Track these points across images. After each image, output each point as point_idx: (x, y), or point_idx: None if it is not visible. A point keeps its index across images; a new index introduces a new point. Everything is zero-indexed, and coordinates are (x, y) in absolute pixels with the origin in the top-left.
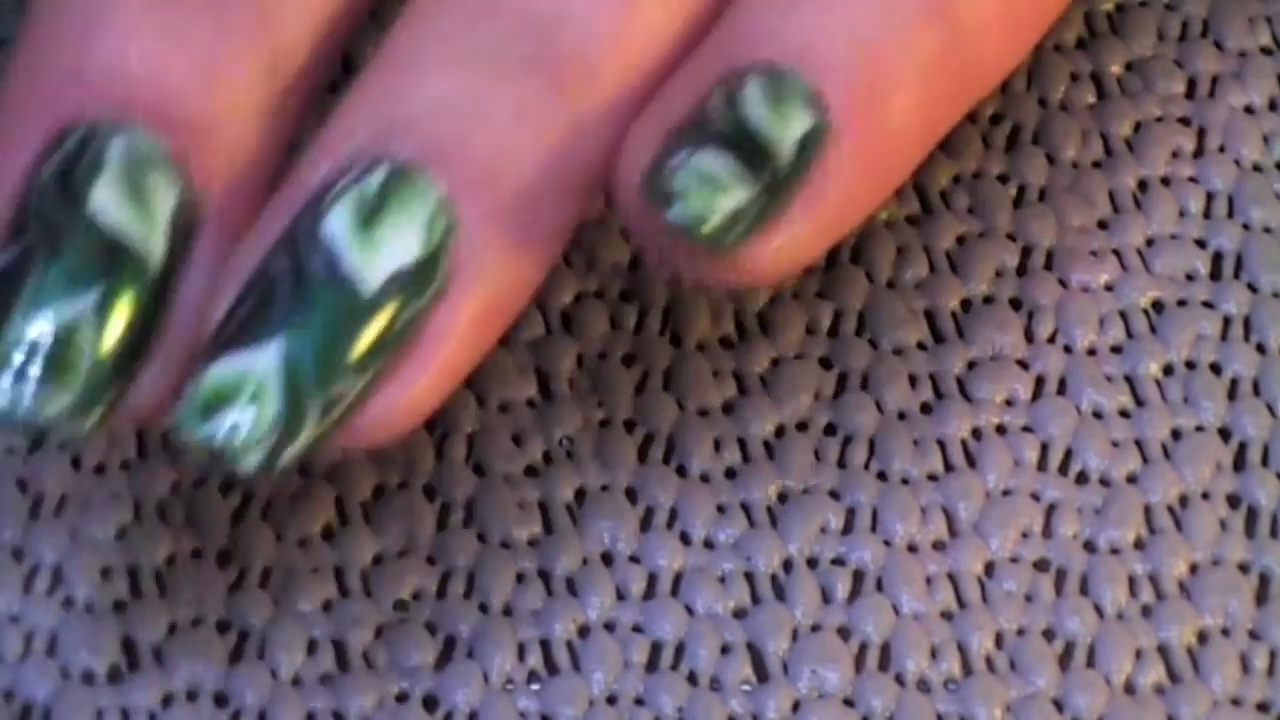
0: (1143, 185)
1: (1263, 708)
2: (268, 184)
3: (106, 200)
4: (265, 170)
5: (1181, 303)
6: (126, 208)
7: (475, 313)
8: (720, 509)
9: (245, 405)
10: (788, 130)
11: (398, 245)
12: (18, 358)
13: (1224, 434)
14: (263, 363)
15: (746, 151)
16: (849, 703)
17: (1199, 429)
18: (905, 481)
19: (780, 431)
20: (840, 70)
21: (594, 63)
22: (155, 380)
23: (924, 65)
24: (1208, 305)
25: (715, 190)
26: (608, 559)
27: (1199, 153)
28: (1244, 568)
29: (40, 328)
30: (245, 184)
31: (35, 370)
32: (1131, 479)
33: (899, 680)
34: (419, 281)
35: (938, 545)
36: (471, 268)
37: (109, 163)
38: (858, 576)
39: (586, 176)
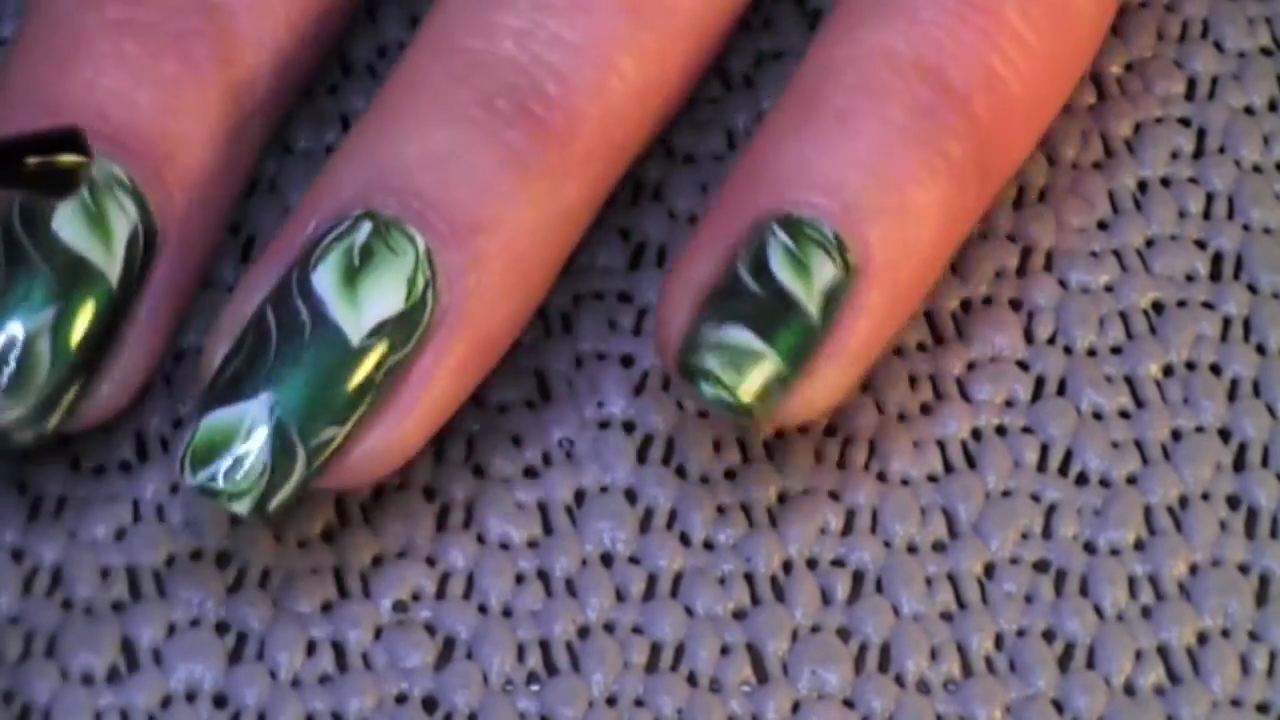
0: (1142, 186)
1: (1262, 709)
2: (232, 204)
3: (67, 222)
4: (228, 191)
5: (1181, 303)
6: (86, 229)
7: (458, 356)
8: (720, 509)
9: (237, 452)
10: (815, 286)
11: (380, 300)
12: None
13: (1224, 435)
14: (253, 412)
15: (776, 318)
16: (849, 704)
17: (1199, 430)
18: (905, 482)
19: (780, 432)
20: (863, 210)
21: (577, 111)
22: (112, 393)
23: (947, 176)
24: (1207, 306)
25: (745, 366)
26: (607, 560)
27: (1199, 153)
28: (1244, 569)
29: (2, 340)
30: (206, 205)
31: None
32: (1131, 480)
33: (899, 681)
34: (402, 332)
35: (937, 546)
36: (455, 315)
37: None
38: (857, 577)
39: (570, 219)
